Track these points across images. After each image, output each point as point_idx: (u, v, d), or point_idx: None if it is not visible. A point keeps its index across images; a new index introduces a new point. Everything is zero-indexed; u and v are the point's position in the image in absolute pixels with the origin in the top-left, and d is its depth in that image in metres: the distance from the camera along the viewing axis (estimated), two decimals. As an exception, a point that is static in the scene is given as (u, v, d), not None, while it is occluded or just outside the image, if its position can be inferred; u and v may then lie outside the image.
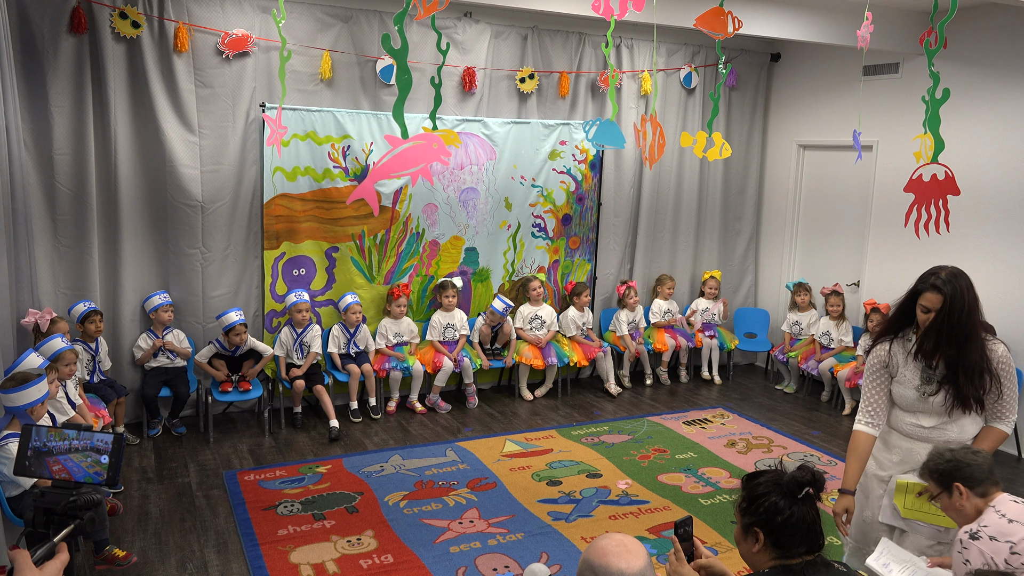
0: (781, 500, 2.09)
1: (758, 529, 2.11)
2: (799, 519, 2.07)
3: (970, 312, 2.97)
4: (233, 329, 5.81)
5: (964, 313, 2.96)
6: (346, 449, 5.69)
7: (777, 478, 2.14)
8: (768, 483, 2.13)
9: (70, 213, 5.54)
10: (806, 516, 2.08)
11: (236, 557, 4.17)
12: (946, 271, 3.06)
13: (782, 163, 7.98)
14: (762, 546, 2.11)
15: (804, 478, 2.10)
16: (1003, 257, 6.09)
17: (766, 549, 2.11)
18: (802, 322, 7.29)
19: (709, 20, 4.19)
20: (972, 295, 3.00)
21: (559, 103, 7.06)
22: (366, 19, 6.16)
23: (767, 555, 2.11)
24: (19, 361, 4.11)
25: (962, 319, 2.96)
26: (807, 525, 2.08)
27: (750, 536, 2.13)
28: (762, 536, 2.10)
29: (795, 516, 2.07)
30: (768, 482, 2.14)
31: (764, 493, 2.12)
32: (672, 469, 5.48)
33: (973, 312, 2.98)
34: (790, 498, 2.09)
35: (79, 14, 5.32)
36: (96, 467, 2.00)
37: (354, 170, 6.29)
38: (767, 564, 2.11)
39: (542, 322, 6.96)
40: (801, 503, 2.08)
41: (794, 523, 2.07)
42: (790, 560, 2.09)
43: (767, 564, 2.11)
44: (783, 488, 2.10)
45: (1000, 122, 6.04)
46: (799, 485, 2.09)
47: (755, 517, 2.11)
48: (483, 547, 4.32)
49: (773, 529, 2.08)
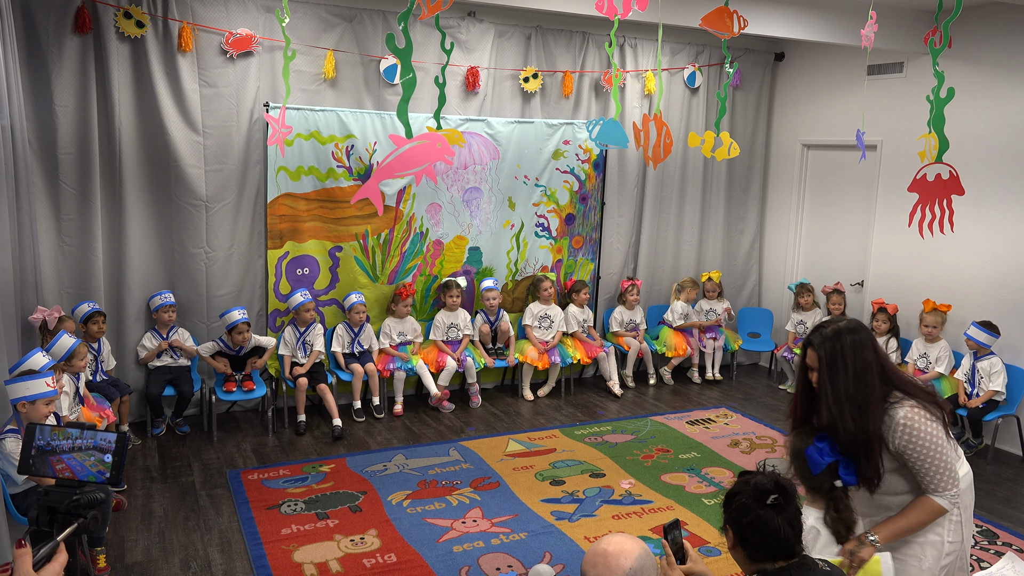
0: (750, 501, 2.11)
1: (729, 527, 2.17)
2: (764, 523, 2.08)
3: (858, 375, 2.53)
4: (236, 328, 5.81)
5: (849, 376, 2.53)
6: (349, 448, 5.69)
7: (751, 479, 2.18)
8: (744, 482, 2.17)
9: (75, 212, 5.55)
10: (772, 521, 2.08)
11: (240, 556, 4.18)
12: (832, 327, 2.61)
13: (786, 162, 7.97)
14: (733, 543, 2.17)
15: (766, 485, 2.11)
16: (1006, 258, 6.07)
17: (737, 547, 2.16)
18: (807, 322, 7.27)
19: (714, 19, 4.19)
20: (862, 356, 2.55)
21: (563, 103, 7.06)
22: (370, 19, 6.16)
23: (740, 553, 2.16)
24: (24, 360, 4.12)
25: (847, 383, 2.53)
26: (772, 531, 2.08)
27: (726, 532, 2.19)
28: (731, 533, 2.16)
29: (761, 520, 2.09)
30: (744, 481, 2.18)
31: (739, 491, 2.16)
32: (675, 469, 5.48)
33: (864, 375, 2.53)
34: (759, 502, 2.10)
35: (83, 14, 5.33)
36: (99, 466, 2.00)
37: (358, 170, 6.29)
38: (752, 570, 2.14)
39: (551, 322, 6.96)
40: (770, 508, 2.09)
41: (759, 527, 2.09)
42: (768, 565, 2.11)
43: (752, 570, 2.14)
44: (753, 491, 2.13)
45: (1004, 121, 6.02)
46: (764, 492, 2.11)
47: (728, 514, 2.18)
48: (486, 547, 4.32)
49: (740, 529, 2.13)
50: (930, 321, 6.19)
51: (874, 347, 2.60)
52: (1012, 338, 5.95)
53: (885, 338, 6.51)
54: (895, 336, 6.51)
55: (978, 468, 5.69)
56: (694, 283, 7.56)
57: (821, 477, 2.61)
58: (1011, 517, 4.94)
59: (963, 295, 6.32)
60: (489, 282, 6.78)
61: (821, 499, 2.62)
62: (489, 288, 6.73)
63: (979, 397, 5.79)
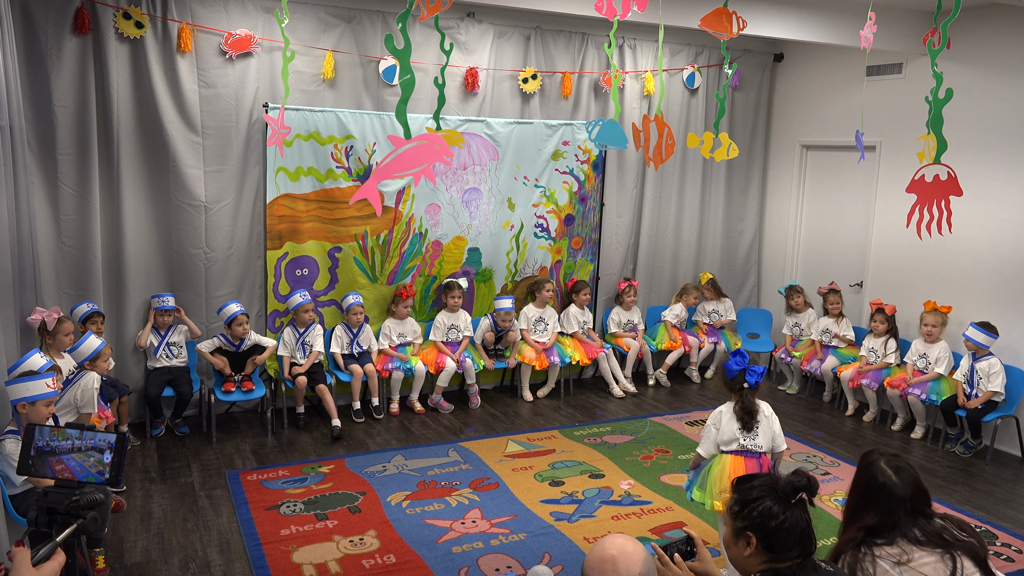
0: (775, 505, 2.09)
1: (751, 533, 2.11)
2: (792, 524, 2.07)
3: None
4: (235, 320, 5.81)
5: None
6: (348, 449, 5.69)
7: (771, 482, 2.14)
8: (762, 487, 2.14)
9: (74, 213, 5.55)
10: (799, 521, 2.08)
11: (239, 557, 4.18)
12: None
13: (785, 163, 7.97)
14: (754, 550, 2.11)
15: (800, 483, 2.10)
16: (1005, 258, 6.07)
17: (758, 553, 2.11)
18: (801, 323, 7.28)
19: (713, 20, 4.19)
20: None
21: (562, 103, 7.06)
22: (369, 19, 6.16)
23: (758, 559, 2.11)
24: (22, 361, 4.12)
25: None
26: (800, 530, 2.08)
27: (741, 540, 2.13)
28: (755, 540, 2.10)
29: (788, 521, 2.07)
30: (762, 486, 2.14)
31: (758, 497, 2.12)
32: (675, 470, 5.48)
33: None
34: (784, 503, 2.09)
35: (83, 14, 5.33)
36: (99, 466, 2.01)
37: (357, 170, 6.29)
38: (757, 568, 2.11)
39: (546, 325, 6.97)
40: (794, 508, 2.08)
41: (788, 528, 2.07)
42: (780, 563, 2.09)
43: (757, 568, 2.11)
44: (777, 493, 2.11)
45: (1003, 122, 6.03)
46: (794, 490, 2.10)
47: (748, 521, 2.11)
48: (485, 547, 4.32)
49: (767, 534, 2.08)
50: (930, 321, 6.19)
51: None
52: (1011, 339, 5.95)
53: (884, 339, 6.52)
54: (894, 337, 6.51)
55: (977, 469, 5.70)
56: (695, 288, 7.59)
57: (736, 380, 4.00)
58: (1010, 518, 4.94)
59: (962, 296, 6.33)
60: (507, 302, 6.72)
61: (735, 395, 4.02)
62: (507, 310, 6.70)
63: (978, 398, 5.80)
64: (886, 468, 2.45)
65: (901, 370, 6.40)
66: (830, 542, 3.98)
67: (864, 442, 6.17)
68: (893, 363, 6.47)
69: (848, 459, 5.77)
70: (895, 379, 6.30)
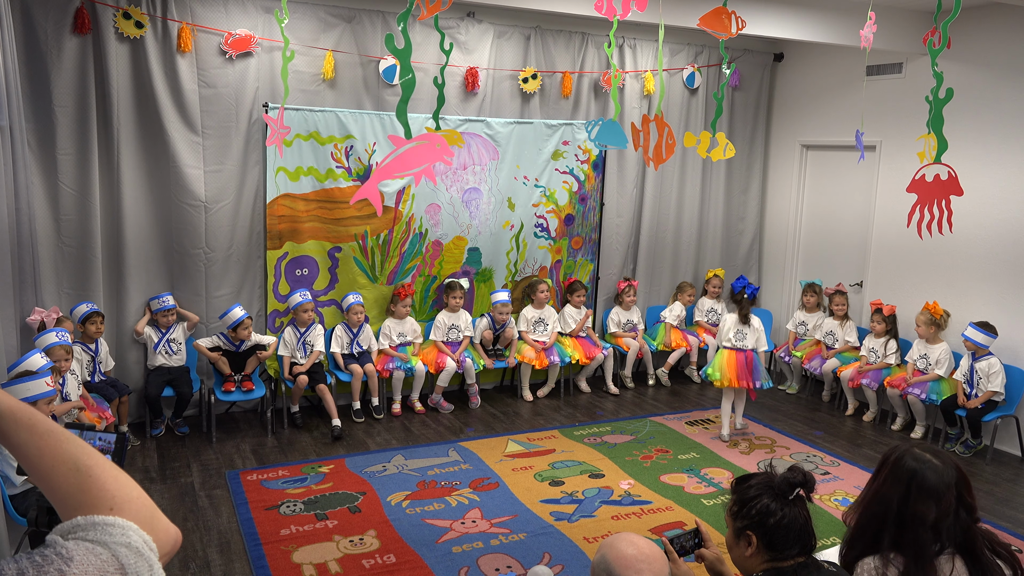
0: (773, 502, 2.09)
1: (751, 532, 2.11)
2: (791, 520, 2.07)
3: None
4: (241, 324, 5.82)
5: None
6: (349, 449, 5.69)
7: (768, 480, 2.14)
8: (759, 485, 2.13)
9: (73, 213, 5.54)
10: (798, 517, 2.08)
11: (239, 557, 4.18)
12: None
13: (785, 163, 7.97)
14: (755, 549, 2.11)
15: (795, 479, 2.10)
16: (1005, 258, 6.07)
17: (759, 552, 2.10)
18: (808, 323, 7.27)
19: (712, 20, 4.19)
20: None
21: (562, 103, 7.06)
22: (369, 19, 6.16)
23: (760, 558, 2.11)
24: (21, 360, 4.12)
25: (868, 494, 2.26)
26: (799, 526, 2.08)
27: (742, 540, 2.13)
28: (755, 539, 2.10)
29: (787, 518, 2.07)
30: (759, 484, 2.14)
31: (755, 496, 2.12)
32: (674, 469, 5.48)
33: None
34: (782, 499, 2.09)
35: (83, 14, 5.33)
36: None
37: (357, 170, 6.29)
38: (759, 567, 2.11)
39: (545, 325, 6.97)
40: (792, 504, 2.08)
41: (786, 524, 2.07)
42: (782, 563, 2.08)
43: (759, 567, 2.11)
44: (774, 490, 2.11)
45: (1004, 122, 6.03)
46: (790, 486, 2.09)
47: (747, 520, 2.11)
48: (485, 547, 4.32)
49: (766, 531, 2.08)
50: (920, 320, 6.20)
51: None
52: (1011, 339, 5.95)
53: (883, 339, 6.52)
54: (893, 337, 6.51)
55: (977, 469, 5.70)
56: (691, 286, 7.60)
57: (740, 292, 5.23)
58: (1010, 517, 4.94)
59: (962, 296, 6.33)
60: (503, 295, 6.75)
61: (735, 304, 5.56)
62: (503, 302, 6.72)
63: (978, 398, 5.80)
64: (923, 454, 2.16)
65: (901, 370, 6.40)
66: (830, 542, 3.98)
67: (864, 442, 6.17)
68: (893, 363, 6.47)
69: (848, 459, 5.77)
70: (895, 379, 6.30)
